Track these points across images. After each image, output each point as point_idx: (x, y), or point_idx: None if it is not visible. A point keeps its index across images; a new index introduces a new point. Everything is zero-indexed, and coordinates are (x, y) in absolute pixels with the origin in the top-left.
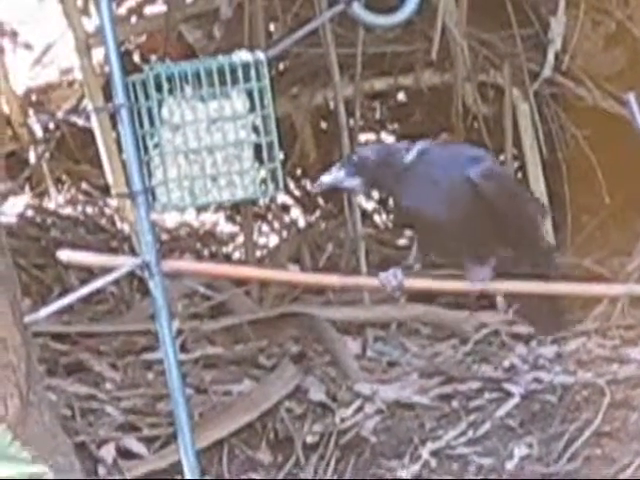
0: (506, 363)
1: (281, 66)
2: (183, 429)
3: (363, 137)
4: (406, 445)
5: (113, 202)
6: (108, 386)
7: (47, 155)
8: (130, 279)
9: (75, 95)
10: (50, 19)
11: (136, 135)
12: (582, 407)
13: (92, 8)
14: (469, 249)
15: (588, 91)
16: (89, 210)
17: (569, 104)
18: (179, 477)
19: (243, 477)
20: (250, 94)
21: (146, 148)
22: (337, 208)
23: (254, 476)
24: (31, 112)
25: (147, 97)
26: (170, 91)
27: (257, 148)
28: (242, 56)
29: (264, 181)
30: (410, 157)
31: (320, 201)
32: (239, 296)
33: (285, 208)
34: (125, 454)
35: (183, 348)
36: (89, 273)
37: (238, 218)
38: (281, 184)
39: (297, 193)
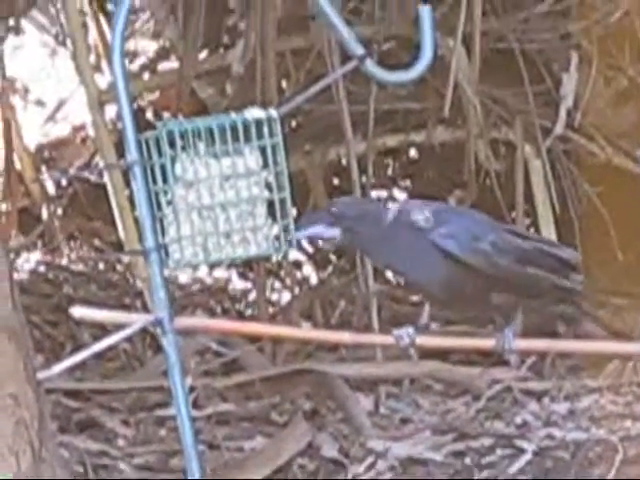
0: (518, 419)
1: (294, 122)
2: None
3: (375, 193)
4: None
5: (125, 259)
6: (121, 442)
7: (59, 211)
8: (142, 336)
9: (87, 152)
10: (62, 75)
11: (149, 192)
12: (595, 463)
13: (105, 64)
14: (466, 308)
15: (600, 148)
16: (101, 266)
17: (581, 160)
18: None
19: None
20: (263, 151)
21: (159, 205)
22: (349, 264)
23: None
24: (43, 168)
25: (160, 154)
26: (183, 148)
27: (270, 204)
28: (255, 113)
29: (277, 237)
30: (389, 218)
31: (332, 257)
32: (252, 353)
33: (297, 265)
34: None
35: (196, 405)
36: (102, 330)
37: (251, 275)
38: (294, 241)
39: (309, 249)
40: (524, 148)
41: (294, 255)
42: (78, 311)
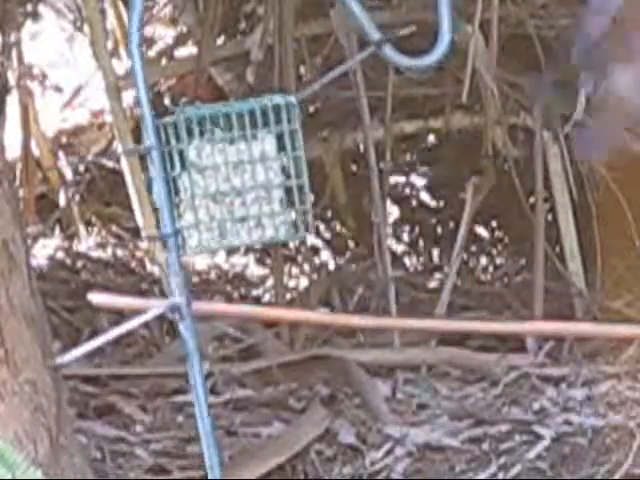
0: (536, 405)
1: (311, 108)
2: (214, 472)
3: (393, 180)
4: None
5: (143, 244)
6: (138, 429)
7: (77, 197)
8: (160, 322)
9: (105, 137)
10: (80, 61)
11: (166, 177)
12: (612, 450)
13: (122, 50)
14: None
15: None
16: (119, 252)
17: None
18: None
19: None
20: (281, 137)
21: (176, 190)
22: (367, 250)
23: None
24: (61, 154)
25: (177, 139)
26: (201, 133)
27: (288, 191)
28: (273, 99)
29: (294, 223)
30: None
31: (350, 243)
32: (269, 339)
33: (315, 250)
34: None
35: (213, 391)
36: (119, 315)
37: (268, 260)
38: (311, 227)
39: (327, 235)
40: (542, 134)
41: (312, 241)
42: (96, 297)
